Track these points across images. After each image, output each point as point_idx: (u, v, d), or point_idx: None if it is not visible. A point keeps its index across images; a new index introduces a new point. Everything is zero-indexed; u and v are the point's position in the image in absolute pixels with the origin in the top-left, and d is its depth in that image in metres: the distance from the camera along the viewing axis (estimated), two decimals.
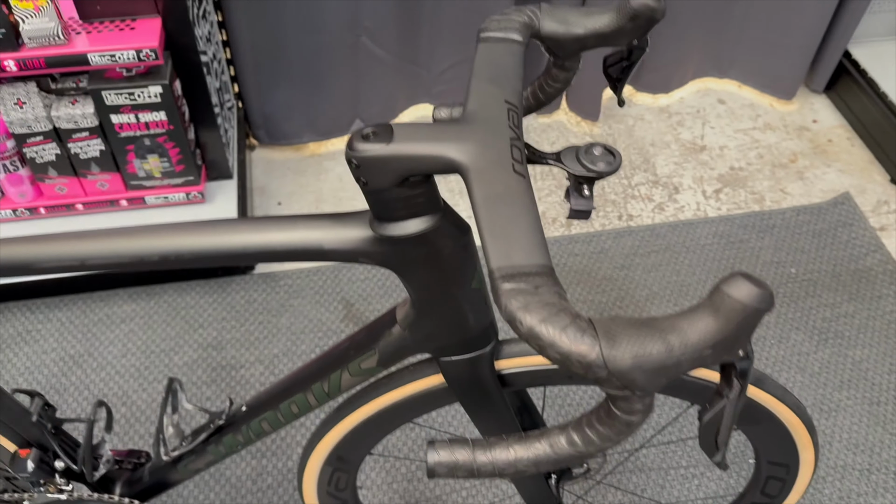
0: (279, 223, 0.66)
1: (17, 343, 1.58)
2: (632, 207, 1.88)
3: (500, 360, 0.79)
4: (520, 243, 0.52)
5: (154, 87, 1.40)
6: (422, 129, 0.59)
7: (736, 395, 0.51)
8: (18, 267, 0.68)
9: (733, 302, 0.45)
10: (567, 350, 0.46)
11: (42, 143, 1.45)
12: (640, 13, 0.69)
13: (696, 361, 0.47)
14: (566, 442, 0.53)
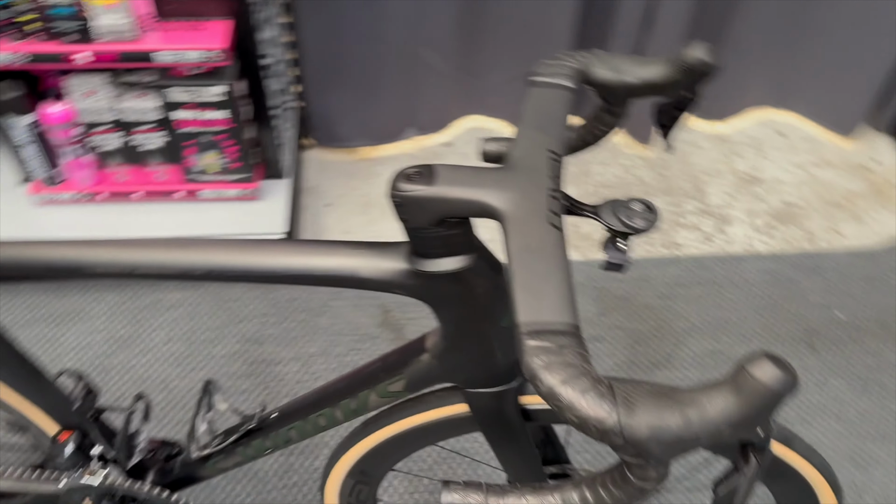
0: (318, 248, 0.68)
1: (69, 321, 1.64)
2: (679, 236, 1.86)
3: (526, 395, 0.80)
4: (549, 300, 0.52)
5: (218, 87, 1.44)
6: (464, 172, 0.60)
7: (752, 472, 0.51)
8: (69, 269, 0.71)
9: (755, 383, 0.45)
10: (585, 414, 0.47)
11: (107, 132, 1.51)
12: (694, 67, 0.69)
13: (714, 438, 0.47)
14: (578, 499, 0.54)
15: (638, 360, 1.62)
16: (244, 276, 0.69)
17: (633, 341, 1.65)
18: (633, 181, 1.98)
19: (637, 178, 1.99)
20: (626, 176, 1.99)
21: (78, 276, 0.72)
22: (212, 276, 0.70)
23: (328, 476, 0.96)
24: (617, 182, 1.98)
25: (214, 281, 0.70)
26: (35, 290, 1.69)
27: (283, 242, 0.69)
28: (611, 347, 1.64)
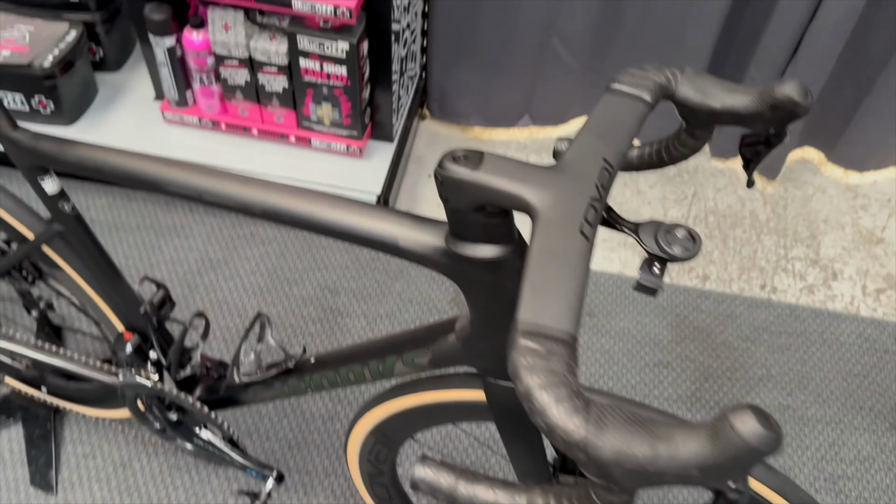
0: (365, 210, 0.70)
1: (170, 234, 1.76)
2: (779, 280, 1.77)
3: None
4: (554, 305, 0.52)
5: (343, 43, 1.49)
6: (510, 164, 0.60)
7: None
8: (149, 183, 0.77)
9: (733, 435, 0.44)
10: (554, 423, 0.47)
11: (236, 67, 1.59)
12: (782, 104, 0.66)
13: (681, 478, 0.46)
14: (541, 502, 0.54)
15: (702, 396, 1.56)
16: (295, 220, 0.72)
17: (701, 377, 1.59)
18: (746, 214, 1.90)
19: (750, 213, 1.90)
20: (739, 207, 1.91)
21: (154, 190, 0.78)
22: (266, 216, 0.74)
23: (353, 428, 1.00)
24: (728, 212, 1.90)
25: (267, 220, 0.73)
26: (147, 201, 1.81)
27: (335, 198, 0.72)
28: (676, 377, 1.59)
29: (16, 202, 0.96)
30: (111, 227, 1.77)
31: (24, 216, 0.96)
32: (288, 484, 1.40)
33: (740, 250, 1.83)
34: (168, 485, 1.39)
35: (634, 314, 1.68)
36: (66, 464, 1.40)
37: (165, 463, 1.41)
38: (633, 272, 1.76)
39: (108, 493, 1.37)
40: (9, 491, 1.36)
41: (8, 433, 1.43)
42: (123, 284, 1.02)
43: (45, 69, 1.60)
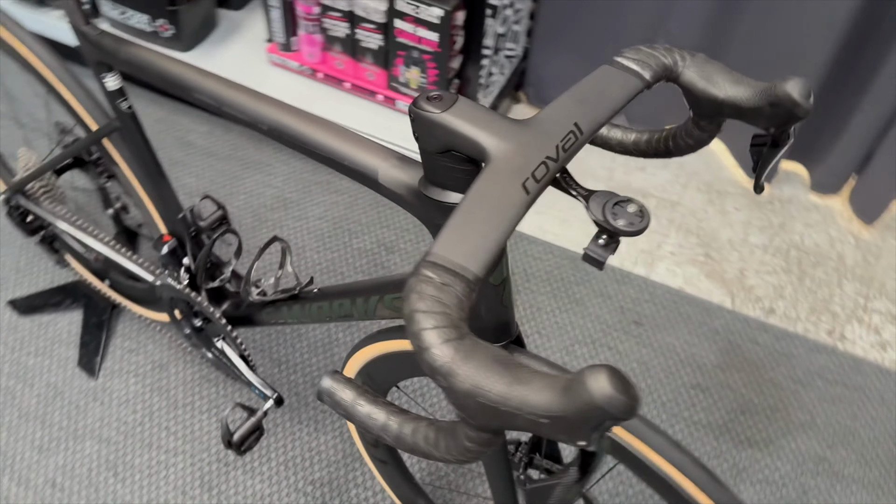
0: (356, 139, 0.73)
1: (255, 168, 1.86)
2: (851, 329, 1.66)
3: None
4: (468, 246, 0.53)
5: (436, 9, 1.52)
6: (479, 112, 0.61)
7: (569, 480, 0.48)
8: (181, 86, 0.83)
9: (583, 390, 0.44)
10: (425, 346, 0.48)
11: (338, 19, 1.66)
12: (781, 101, 0.64)
13: (531, 425, 0.46)
14: (422, 436, 0.55)
15: (734, 428, 1.49)
16: (293, 139, 0.76)
17: (738, 409, 1.52)
18: (832, 256, 1.78)
19: (838, 254, 1.79)
20: (827, 248, 1.80)
21: (184, 93, 0.83)
22: (272, 133, 0.78)
23: (344, 367, 1.03)
24: (813, 250, 1.79)
25: (272, 137, 0.78)
26: (241, 135, 1.92)
27: (332, 123, 0.75)
28: (711, 403, 1.53)
29: (87, 95, 1.05)
30: (205, 153, 1.89)
31: (92, 109, 1.05)
32: (285, 410, 1.46)
33: (816, 291, 1.72)
34: (195, 392, 1.48)
35: (684, 332, 1.63)
36: (112, 354, 1.52)
37: (198, 373, 1.50)
38: (696, 290, 1.71)
39: (141, 388, 1.48)
40: (57, 367, 1.50)
41: (70, 316, 1.56)
42: (168, 188, 1.10)
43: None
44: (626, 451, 0.78)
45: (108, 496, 1.36)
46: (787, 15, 1.61)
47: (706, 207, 1.87)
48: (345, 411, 0.58)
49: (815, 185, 1.89)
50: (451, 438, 0.52)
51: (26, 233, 1.34)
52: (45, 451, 1.40)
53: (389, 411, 0.57)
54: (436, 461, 0.54)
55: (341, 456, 1.42)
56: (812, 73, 1.66)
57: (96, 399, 1.46)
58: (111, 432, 1.43)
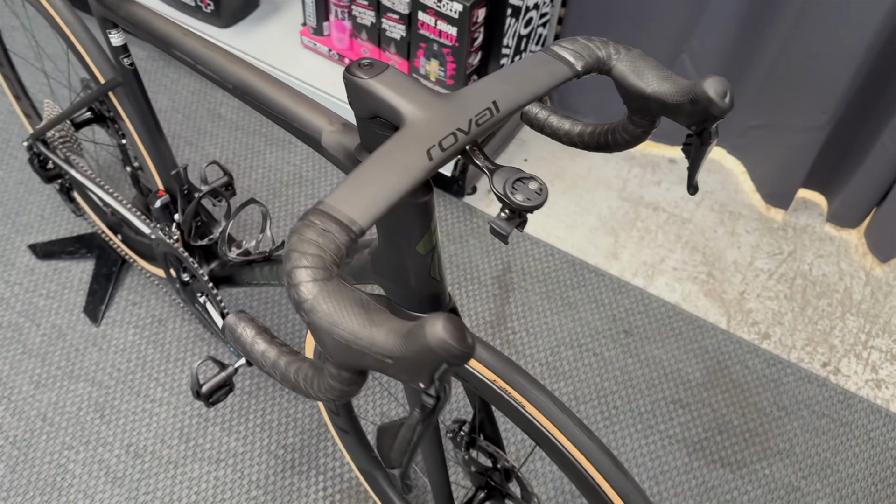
0: (306, 100, 0.77)
1: (277, 144, 1.93)
2: (846, 364, 1.63)
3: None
4: (358, 199, 0.57)
5: (457, 4, 1.55)
6: (405, 81, 0.65)
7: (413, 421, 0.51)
8: (164, 41, 0.88)
9: (420, 334, 0.47)
10: (295, 281, 0.52)
11: (365, 7, 1.71)
12: (699, 99, 0.65)
13: (378, 364, 0.50)
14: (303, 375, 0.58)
15: (708, 447, 1.49)
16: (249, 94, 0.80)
17: (716, 428, 1.51)
18: (839, 289, 1.75)
19: (845, 288, 1.76)
20: (835, 280, 1.77)
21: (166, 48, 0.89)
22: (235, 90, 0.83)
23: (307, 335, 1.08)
24: (821, 281, 1.77)
25: (232, 94, 0.83)
26: None
27: (285, 84, 0.79)
28: (689, 419, 1.52)
29: (98, 50, 1.12)
30: (233, 126, 1.97)
31: (101, 63, 1.12)
32: (255, 372, 1.51)
33: (817, 321, 1.70)
34: (188, 349, 1.55)
35: (673, 346, 1.62)
36: (116, 305, 1.60)
37: (193, 331, 1.57)
38: (692, 307, 1.70)
39: (139, 340, 1.55)
40: (64, 310, 1.58)
41: (83, 265, 1.65)
42: (165, 144, 1.16)
43: None
44: (539, 433, 0.80)
45: (92, 435, 1.43)
46: (809, 44, 1.59)
47: (716, 227, 1.86)
48: (242, 347, 0.62)
49: (832, 216, 1.86)
50: (320, 377, 0.55)
51: (45, 179, 1.43)
52: (41, 387, 1.48)
53: (281, 351, 0.61)
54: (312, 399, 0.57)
55: (315, 426, 1.47)
56: (833, 103, 1.64)
57: (95, 345, 1.54)
58: (104, 377, 1.50)
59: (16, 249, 1.67)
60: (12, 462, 1.39)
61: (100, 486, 1.37)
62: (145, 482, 1.38)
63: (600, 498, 0.78)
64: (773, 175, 1.86)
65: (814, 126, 1.71)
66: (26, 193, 1.76)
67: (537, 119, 0.83)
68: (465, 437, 1.03)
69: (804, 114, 1.71)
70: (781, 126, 1.78)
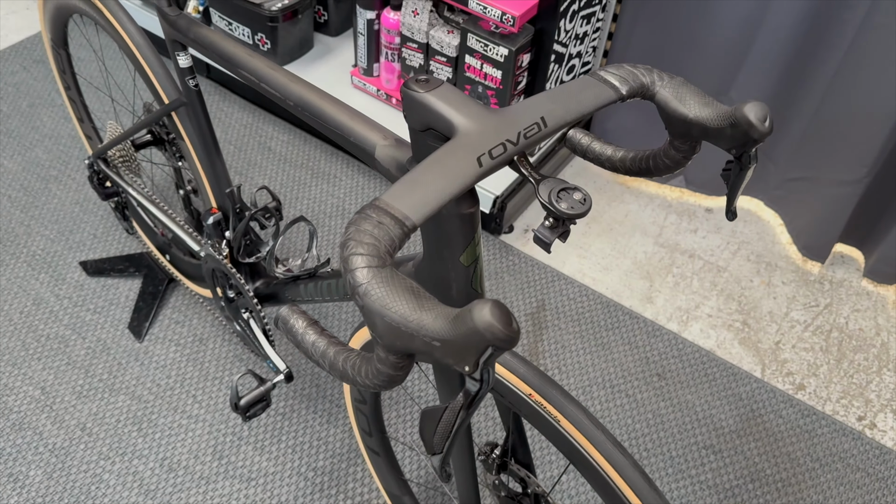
0: (359, 116, 0.82)
1: (322, 178, 1.99)
2: (883, 419, 1.61)
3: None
4: (412, 198, 0.60)
5: (503, 49, 1.62)
6: (458, 96, 0.69)
7: (456, 406, 0.53)
8: (230, 60, 0.94)
9: (468, 318, 0.50)
10: (351, 267, 0.55)
11: (415, 50, 1.78)
12: (739, 123, 0.68)
13: (426, 346, 0.53)
14: (350, 363, 0.61)
15: (739, 494, 1.47)
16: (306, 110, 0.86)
17: (748, 476, 1.50)
18: (876, 344, 1.74)
19: (882, 343, 1.74)
20: (872, 335, 1.76)
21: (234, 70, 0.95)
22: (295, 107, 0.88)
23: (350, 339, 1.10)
24: (857, 335, 1.75)
25: (294, 111, 0.88)
26: (316, 148, 2.06)
27: (340, 102, 0.84)
28: (721, 466, 1.51)
29: (164, 72, 1.19)
30: (281, 159, 2.04)
31: (166, 84, 1.19)
32: (302, 399, 1.53)
33: (853, 375, 1.68)
34: (227, 369, 1.58)
35: (707, 392, 1.62)
36: (160, 322, 1.65)
37: (233, 352, 1.61)
38: (727, 355, 1.70)
39: (180, 357, 1.60)
40: (110, 325, 1.64)
41: (131, 282, 1.71)
42: (221, 164, 1.22)
43: (272, 12, 1.89)
44: (572, 448, 0.81)
45: (129, 447, 1.46)
46: (849, 98, 1.62)
47: (752, 277, 1.86)
48: (294, 338, 0.66)
49: (870, 271, 1.85)
50: (369, 364, 0.58)
51: (102, 196, 1.50)
52: (83, 398, 1.52)
53: (330, 342, 0.64)
54: (359, 387, 0.60)
55: (346, 450, 1.48)
56: (872, 157, 1.65)
57: (137, 360, 1.59)
58: (144, 391, 1.54)
59: (67, 265, 1.74)
60: (49, 469, 1.42)
61: (132, 498, 1.40)
62: (177, 496, 1.41)
63: None
64: (811, 228, 1.86)
65: (852, 180, 1.72)
66: (81, 213, 1.84)
67: (580, 144, 0.86)
68: (497, 459, 1.04)
69: (842, 167, 1.72)
70: (819, 179, 1.79)
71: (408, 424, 1.52)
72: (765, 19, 1.63)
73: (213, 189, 1.24)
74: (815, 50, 1.63)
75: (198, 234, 1.37)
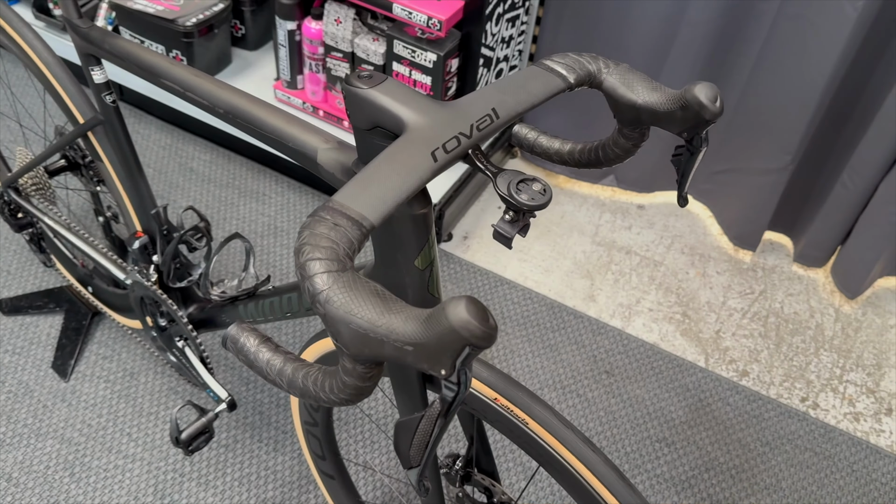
0: (295, 121, 0.78)
1: (250, 196, 1.92)
2: (824, 399, 1.65)
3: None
4: (366, 196, 0.57)
5: (430, 54, 1.59)
6: (404, 91, 0.66)
7: (433, 413, 0.50)
8: (152, 72, 0.89)
9: (443, 317, 0.46)
10: (309, 273, 0.51)
11: (340, 59, 1.74)
12: (690, 104, 0.68)
13: (398, 352, 0.49)
14: (311, 379, 0.56)
15: (696, 485, 1.47)
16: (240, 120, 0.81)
17: (703, 466, 1.50)
18: (811, 326, 1.78)
19: (817, 325, 1.79)
20: (806, 317, 1.80)
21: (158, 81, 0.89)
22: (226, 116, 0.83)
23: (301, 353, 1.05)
24: (793, 318, 1.80)
25: (224, 120, 0.83)
26: (241, 166, 1.99)
27: (273, 107, 0.80)
28: (675, 458, 1.51)
29: (78, 89, 1.12)
30: (205, 179, 1.96)
31: (80, 103, 1.11)
32: (246, 427, 1.46)
33: (792, 358, 1.72)
34: (161, 402, 1.50)
35: (654, 386, 1.62)
36: (86, 359, 1.55)
37: (166, 384, 1.52)
38: (670, 347, 1.71)
39: (110, 394, 1.50)
40: (31, 366, 1.53)
41: (52, 319, 1.60)
42: (145, 185, 1.15)
43: (187, 27, 1.82)
44: (542, 450, 0.79)
45: (62, 495, 1.36)
46: (770, 89, 1.66)
47: (688, 269, 1.89)
48: (245, 357, 0.61)
49: (799, 256, 1.91)
50: (333, 378, 0.54)
51: (15, 228, 1.40)
52: (6, 446, 1.41)
53: (287, 359, 0.59)
54: (323, 404, 0.56)
55: (296, 478, 1.42)
56: (794, 144, 1.70)
57: (64, 400, 1.48)
58: (73, 433, 1.44)
59: None
60: None
61: None
62: None
63: None
64: (740, 218, 1.91)
65: (777, 168, 1.76)
66: None
67: (527, 139, 0.85)
68: (461, 470, 1.00)
69: (767, 156, 1.77)
70: (745, 170, 1.83)
71: (360, 444, 1.47)
72: (684, 16, 1.66)
73: (137, 211, 1.17)
74: (734, 43, 1.68)
75: (122, 261, 1.29)
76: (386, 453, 1.46)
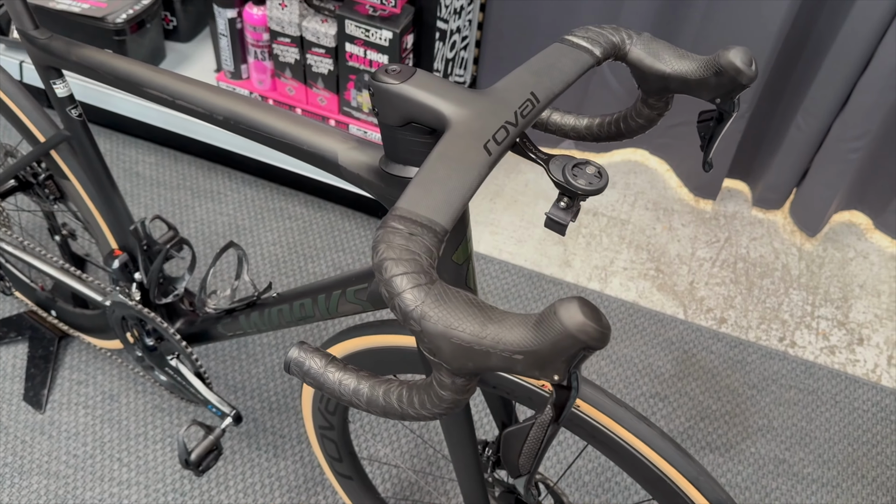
0: (312, 124, 0.73)
1: (206, 196, 1.84)
2: (800, 336, 1.70)
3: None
4: (433, 199, 0.54)
5: (386, 32, 1.54)
6: (438, 82, 0.62)
7: (544, 420, 0.48)
8: (130, 82, 0.82)
9: (556, 321, 0.44)
10: (396, 292, 0.48)
11: (288, 45, 1.67)
12: (726, 70, 0.66)
13: (506, 362, 0.47)
14: (395, 396, 0.54)
15: (694, 434, 1.51)
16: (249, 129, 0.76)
17: (697, 415, 1.54)
18: (777, 267, 1.84)
19: (783, 265, 1.84)
20: (772, 259, 1.85)
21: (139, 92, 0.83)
22: (227, 124, 0.78)
23: None
24: (759, 261, 1.85)
25: (228, 129, 0.77)
26: (190, 165, 1.90)
27: (286, 112, 0.75)
28: (671, 411, 1.54)
29: (34, 106, 1.04)
30: (154, 183, 1.87)
31: (39, 120, 1.03)
32: (243, 436, 1.42)
33: (765, 300, 1.77)
34: (147, 422, 1.43)
35: (640, 344, 1.65)
36: (60, 386, 1.46)
37: (150, 402, 1.46)
38: (649, 303, 1.73)
39: (92, 420, 1.42)
40: (2, 401, 1.43)
41: (15, 349, 1.50)
42: (120, 200, 1.08)
43: (117, 24, 1.71)
44: (595, 430, 0.78)
45: None
46: (721, 37, 1.68)
47: (654, 225, 1.92)
48: (314, 380, 0.57)
49: (757, 200, 1.96)
50: (424, 392, 0.51)
51: None
52: None
53: (360, 376, 0.56)
54: (409, 420, 0.53)
55: (302, 481, 1.38)
56: (749, 91, 1.73)
57: (43, 433, 1.40)
58: (60, 466, 1.36)
59: None
60: None
61: None
62: None
63: (668, 487, 0.76)
64: (698, 169, 1.94)
65: None
66: None
67: (540, 119, 0.82)
68: (492, 456, 0.99)
69: None
70: None
71: (370, 437, 1.44)
72: None
73: (113, 228, 1.10)
74: None
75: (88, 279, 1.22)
76: (390, 444, 1.44)
